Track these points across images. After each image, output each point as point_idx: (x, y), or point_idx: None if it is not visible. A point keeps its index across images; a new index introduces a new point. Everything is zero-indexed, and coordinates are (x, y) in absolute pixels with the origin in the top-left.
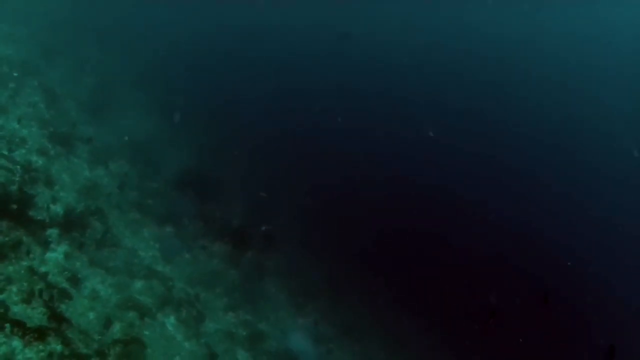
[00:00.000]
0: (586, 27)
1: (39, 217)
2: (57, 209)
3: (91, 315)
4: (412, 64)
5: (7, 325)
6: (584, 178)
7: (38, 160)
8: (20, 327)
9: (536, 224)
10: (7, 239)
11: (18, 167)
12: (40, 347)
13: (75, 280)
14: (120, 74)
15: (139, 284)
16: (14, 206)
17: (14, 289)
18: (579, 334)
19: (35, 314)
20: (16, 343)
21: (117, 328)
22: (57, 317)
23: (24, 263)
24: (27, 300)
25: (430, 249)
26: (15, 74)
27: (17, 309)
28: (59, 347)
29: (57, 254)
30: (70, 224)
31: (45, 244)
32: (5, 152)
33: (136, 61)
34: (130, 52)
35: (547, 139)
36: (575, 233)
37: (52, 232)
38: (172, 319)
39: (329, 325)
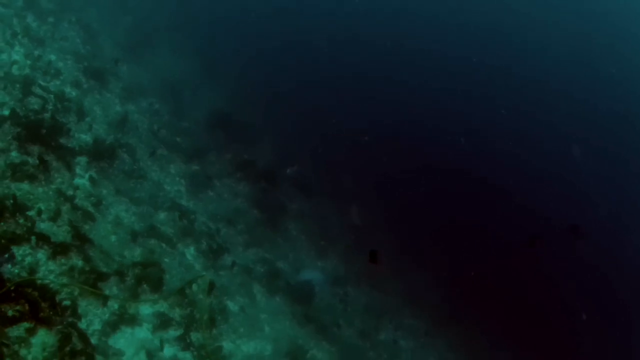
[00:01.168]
0: None
1: (69, 145)
2: (87, 138)
3: (113, 238)
4: None
5: (33, 238)
6: None
7: (72, 92)
8: (45, 240)
9: None
10: (37, 162)
11: (52, 96)
12: (63, 261)
13: (100, 205)
14: (160, 16)
15: (162, 215)
16: (46, 132)
17: (42, 206)
18: None
19: (60, 232)
20: (41, 255)
21: (137, 252)
22: (80, 237)
23: (53, 186)
24: (53, 218)
25: (457, 188)
26: (53, 9)
27: (44, 226)
28: (80, 263)
29: (84, 180)
30: (99, 154)
31: (74, 171)
32: (41, 82)
33: (178, 5)
34: None
35: None
36: None
37: (81, 160)
38: (192, 250)
39: (348, 270)
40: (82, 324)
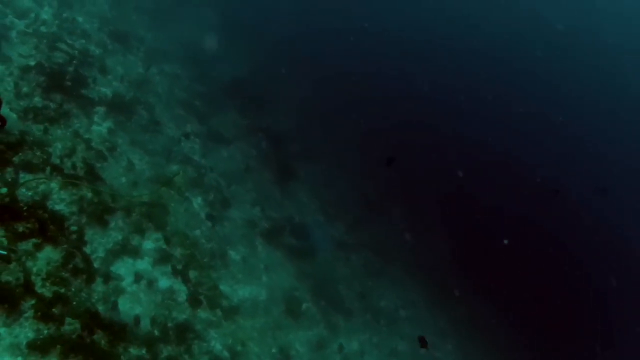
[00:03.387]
0: None
1: (90, 95)
2: (107, 92)
3: (123, 179)
4: None
5: (48, 168)
6: None
7: (95, 50)
8: (58, 171)
9: None
10: (58, 107)
11: (76, 52)
12: (74, 191)
13: (114, 151)
14: None
15: (173, 167)
16: (69, 83)
17: (59, 145)
18: None
19: (75, 167)
20: (54, 185)
21: (145, 194)
22: (92, 173)
23: (71, 129)
24: (69, 155)
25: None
26: None
27: (58, 161)
28: (89, 195)
29: (101, 128)
30: (118, 108)
31: (92, 119)
32: (67, 40)
33: None
34: None
35: None
36: None
37: (100, 110)
38: (199, 199)
39: (354, 237)
40: (87, 249)
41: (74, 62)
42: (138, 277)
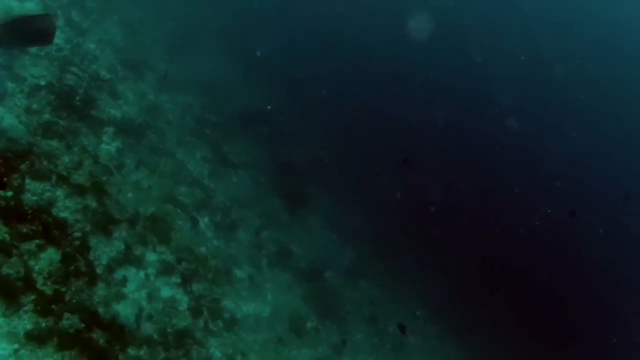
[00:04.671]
0: None
1: (99, 116)
2: (117, 114)
3: (129, 195)
4: None
5: (54, 176)
6: None
7: (106, 75)
8: (64, 181)
9: None
10: (67, 125)
11: (87, 75)
12: (79, 200)
13: (122, 169)
14: (203, 23)
15: (182, 189)
16: (78, 103)
17: (66, 158)
18: None
19: (80, 179)
20: (59, 193)
21: (151, 210)
22: (98, 187)
23: (79, 145)
24: (75, 168)
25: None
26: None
27: (65, 172)
28: (94, 204)
29: (110, 147)
30: (128, 131)
31: (101, 138)
32: (78, 63)
33: (222, 14)
34: (218, 6)
35: None
36: None
37: (109, 130)
38: (206, 220)
39: (365, 264)
40: (90, 256)
41: (84, 84)
42: (140, 286)
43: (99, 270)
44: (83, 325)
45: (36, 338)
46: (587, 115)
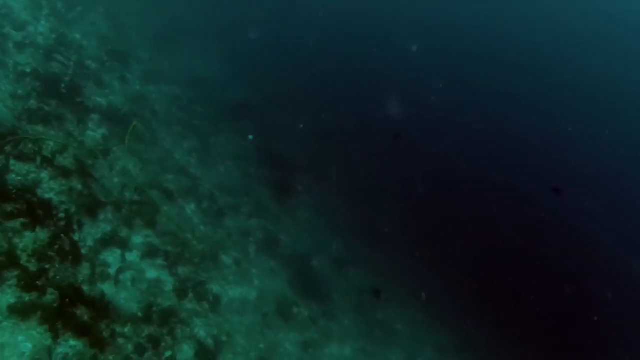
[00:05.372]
0: None
1: (85, 103)
2: (103, 102)
3: (115, 180)
4: None
5: (39, 158)
6: None
7: (92, 64)
8: (49, 163)
9: None
10: (52, 111)
11: (72, 63)
12: (64, 182)
13: (108, 156)
14: (191, 18)
15: (168, 176)
16: (64, 90)
17: (51, 143)
18: None
19: (66, 162)
20: (44, 175)
21: (137, 194)
22: (84, 171)
23: (65, 130)
24: (60, 151)
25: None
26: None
27: (50, 154)
28: (79, 187)
29: (96, 134)
30: (113, 119)
31: (87, 124)
32: (63, 52)
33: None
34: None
35: None
36: None
37: (95, 117)
38: (192, 206)
39: (354, 253)
40: (75, 237)
41: (70, 72)
42: (125, 267)
43: (84, 251)
44: (67, 300)
45: (19, 311)
46: None
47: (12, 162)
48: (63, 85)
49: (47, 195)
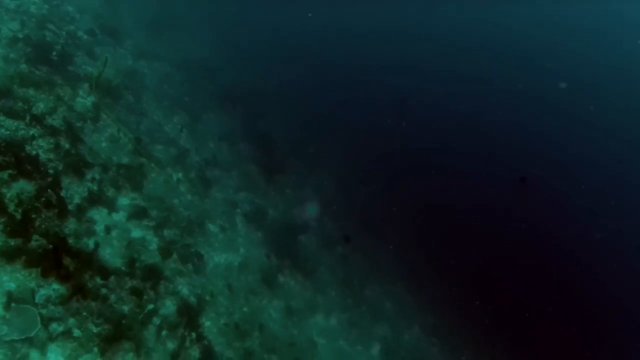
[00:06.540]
0: None
1: (76, 71)
2: (94, 72)
3: (104, 144)
4: None
5: (28, 116)
6: None
7: (84, 36)
8: (37, 121)
9: None
10: (43, 76)
11: (64, 33)
12: (52, 140)
13: (97, 120)
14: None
15: (158, 147)
16: (55, 58)
17: (41, 105)
18: None
19: (55, 122)
20: (33, 131)
21: (125, 160)
22: (72, 133)
23: (55, 95)
24: (50, 112)
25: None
26: None
27: (39, 113)
28: (67, 146)
29: (86, 101)
30: (105, 91)
31: (77, 92)
32: (56, 22)
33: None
34: None
35: None
36: None
37: (85, 85)
38: (180, 175)
39: (340, 229)
40: (62, 194)
41: (61, 41)
42: (111, 225)
43: (70, 207)
44: (51, 246)
45: (5, 254)
46: None
47: (1, 117)
48: (54, 53)
49: (35, 152)
